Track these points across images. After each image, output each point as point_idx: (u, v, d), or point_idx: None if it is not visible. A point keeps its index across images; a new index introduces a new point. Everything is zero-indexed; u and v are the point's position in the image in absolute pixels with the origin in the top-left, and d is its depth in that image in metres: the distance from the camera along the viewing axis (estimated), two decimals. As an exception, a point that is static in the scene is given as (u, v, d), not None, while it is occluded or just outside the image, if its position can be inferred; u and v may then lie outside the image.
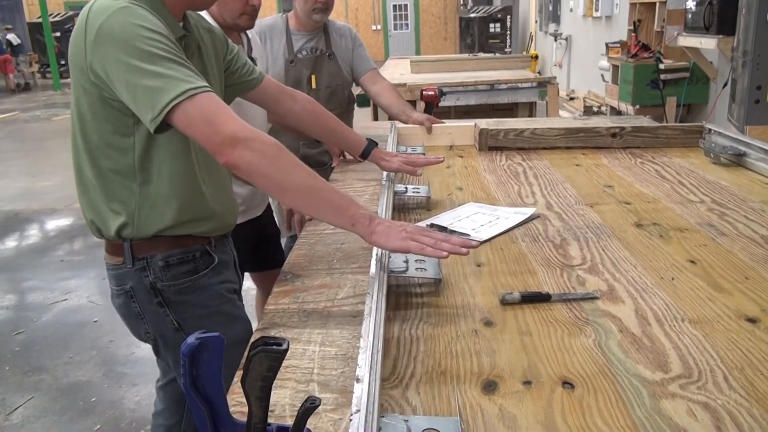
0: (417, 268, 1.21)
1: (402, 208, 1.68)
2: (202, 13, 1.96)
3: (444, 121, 2.54)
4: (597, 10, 8.27)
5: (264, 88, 1.66)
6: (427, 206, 1.69)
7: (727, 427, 0.78)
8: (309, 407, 0.59)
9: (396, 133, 2.34)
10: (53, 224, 5.40)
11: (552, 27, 11.04)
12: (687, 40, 4.81)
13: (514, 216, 1.56)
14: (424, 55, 15.08)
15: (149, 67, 1.16)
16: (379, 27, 21.17)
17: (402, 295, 1.18)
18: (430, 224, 1.49)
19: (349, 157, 2.24)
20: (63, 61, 16.29)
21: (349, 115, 2.75)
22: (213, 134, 1.16)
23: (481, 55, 7.49)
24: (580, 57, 9.58)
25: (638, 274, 1.23)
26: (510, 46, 13.54)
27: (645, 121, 2.59)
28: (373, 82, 2.71)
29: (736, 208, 1.58)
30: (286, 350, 0.57)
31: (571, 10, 9.90)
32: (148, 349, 1.52)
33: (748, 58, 3.56)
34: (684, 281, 1.19)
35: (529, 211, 1.58)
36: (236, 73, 1.59)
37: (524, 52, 12.26)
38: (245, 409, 0.62)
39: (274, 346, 0.56)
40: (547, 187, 1.83)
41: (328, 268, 1.32)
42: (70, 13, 17.62)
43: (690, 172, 1.93)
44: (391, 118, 2.66)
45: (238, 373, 0.91)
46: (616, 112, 5.98)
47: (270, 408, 0.67)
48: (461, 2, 19.75)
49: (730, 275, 1.21)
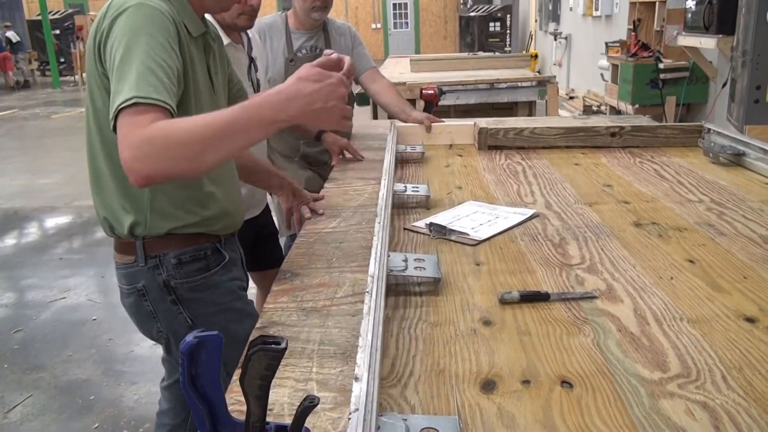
0: (416, 267, 1.21)
1: (401, 206, 1.68)
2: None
3: (443, 120, 2.54)
4: (597, 10, 8.27)
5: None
6: (427, 205, 1.69)
7: (726, 426, 0.78)
8: (308, 406, 0.59)
9: (395, 132, 2.34)
10: (52, 222, 5.40)
11: (552, 26, 11.04)
12: (687, 40, 4.81)
13: (513, 216, 1.56)
14: (424, 54, 15.08)
15: (124, 68, 1.11)
16: (379, 26, 21.15)
17: (401, 294, 1.18)
18: (430, 223, 1.49)
19: (348, 156, 2.24)
20: (62, 59, 16.29)
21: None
22: (122, 151, 1.06)
23: (481, 54, 7.49)
24: (580, 56, 9.58)
25: (637, 274, 1.23)
26: (510, 45, 13.53)
27: (644, 121, 2.59)
28: (373, 81, 2.71)
29: (734, 208, 1.59)
30: (285, 349, 0.57)
31: (571, 9, 9.89)
32: (147, 348, 1.52)
33: (747, 58, 3.56)
34: (683, 281, 1.19)
35: (528, 212, 1.59)
36: (234, 87, 1.61)
37: (524, 51, 12.26)
38: (244, 408, 0.62)
39: (273, 345, 0.56)
40: (547, 187, 1.83)
41: (327, 267, 1.32)
42: (70, 11, 17.59)
43: (689, 172, 1.93)
44: (391, 117, 2.67)
45: (237, 372, 0.91)
46: (616, 112, 5.98)
47: (269, 407, 0.67)
48: (461, 1, 19.74)
49: (728, 275, 1.21)
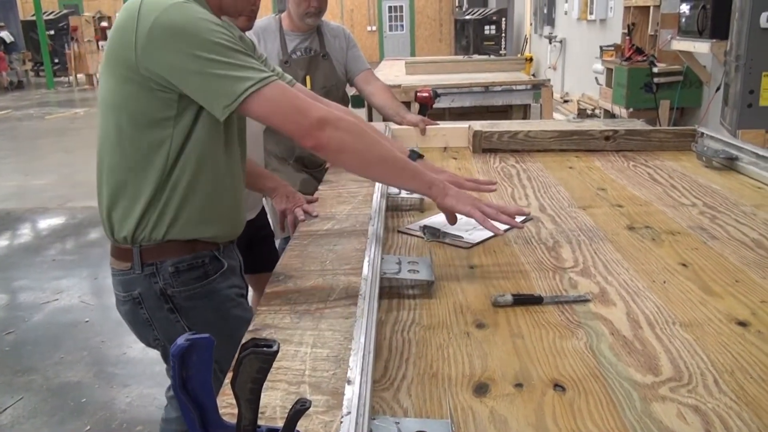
0: (410, 270, 1.21)
1: (395, 209, 1.68)
2: None
3: (438, 122, 2.54)
4: (591, 14, 8.30)
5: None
6: (420, 208, 1.69)
7: (717, 430, 0.78)
8: (299, 409, 0.59)
9: (390, 134, 2.34)
10: (45, 223, 5.38)
11: (547, 30, 11.06)
12: (680, 44, 4.83)
13: (507, 218, 1.56)
14: (419, 57, 15.11)
15: (222, 58, 1.20)
16: (375, 28, 21.17)
17: (394, 297, 1.17)
18: (423, 226, 1.49)
19: None
20: (56, 60, 16.23)
21: None
22: (301, 119, 1.23)
23: (476, 57, 7.51)
24: (575, 60, 9.60)
25: (630, 277, 1.23)
26: (505, 49, 13.55)
27: (638, 125, 2.60)
28: (367, 83, 2.71)
29: (727, 212, 1.59)
30: (277, 352, 0.56)
31: (566, 13, 9.92)
32: (139, 350, 1.52)
33: (740, 63, 3.57)
34: (675, 284, 1.19)
35: (521, 216, 1.58)
36: None
37: (519, 55, 12.29)
38: (235, 411, 0.62)
39: (265, 348, 0.56)
40: (541, 190, 1.83)
41: (321, 270, 1.31)
42: (65, 12, 17.53)
43: (682, 176, 1.94)
44: (385, 119, 2.66)
45: (229, 375, 0.91)
46: (610, 115, 5.99)
47: (261, 410, 0.67)
48: (456, 4, 19.77)
49: (721, 278, 1.21)
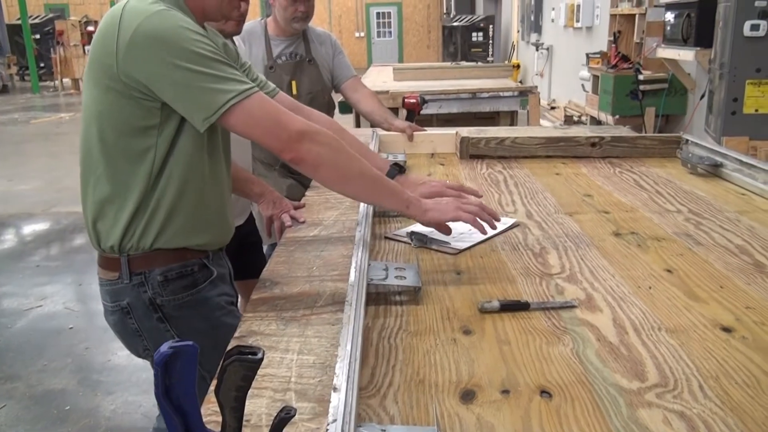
0: (397, 276, 1.21)
1: (382, 215, 1.68)
2: None
3: (425, 128, 2.55)
4: (578, 21, 8.36)
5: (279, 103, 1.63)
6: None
7: (702, 436, 0.78)
8: (284, 417, 0.58)
9: (377, 140, 2.34)
10: (30, 229, 5.32)
11: (534, 37, 11.13)
12: (666, 52, 4.88)
13: (494, 224, 1.56)
14: (407, 63, 15.16)
15: (203, 69, 1.19)
16: (363, 34, 21.23)
17: (381, 303, 1.17)
18: (411, 232, 1.49)
19: None
20: (42, 64, 16.11)
21: None
22: (281, 132, 1.23)
23: (464, 63, 7.53)
24: (561, 67, 9.67)
25: (616, 283, 1.23)
26: (492, 55, 13.63)
27: (624, 131, 2.62)
28: (354, 90, 2.72)
29: (712, 218, 1.60)
30: (261, 360, 0.56)
31: (553, 21, 9.99)
32: (124, 357, 1.50)
33: (724, 71, 3.61)
34: (661, 290, 1.20)
35: (509, 221, 1.59)
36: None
37: (506, 62, 12.35)
38: (220, 419, 0.62)
39: (249, 356, 0.56)
40: (527, 196, 1.83)
41: (308, 276, 1.31)
42: (50, 16, 17.42)
43: (667, 182, 1.95)
44: (373, 126, 2.67)
45: (214, 382, 0.90)
46: (596, 122, 6.03)
47: (246, 417, 0.66)
48: (444, 11, 19.87)
49: (705, 284, 1.22)
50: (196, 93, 1.20)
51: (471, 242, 1.45)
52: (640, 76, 5.38)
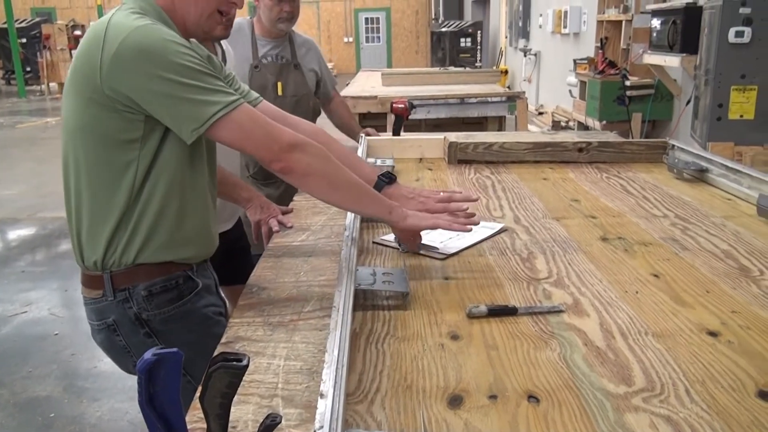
0: (384, 281, 1.20)
1: (370, 220, 1.67)
2: None
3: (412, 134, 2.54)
4: (565, 27, 8.42)
5: (263, 113, 1.60)
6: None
7: (689, 440, 0.78)
8: (269, 424, 0.58)
9: (366, 145, 2.34)
10: (15, 234, 5.27)
11: (521, 43, 11.20)
12: (652, 58, 4.93)
13: (482, 230, 1.56)
14: (396, 68, 15.18)
15: (190, 81, 1.19)
16: (351, 39, 21.26)
17: (369, 309, 1.17)
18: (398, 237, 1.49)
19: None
20: (28, 68, 15.99)
21: None
22: (272, 143, 1.24)
23: (452, 69, 7.57)
24: (549, 72, 9.73)
25: (603, 288, 1.24)
26: (480, 61, 13.71)
27: (611, 137, 2.64)
28: (332, 109, 2.87)
29: (698, 223, 1.61)
30: (246, 366, 0.55)
31: (540, 27, 10.06)
32: (110, 363, 1.48)
33: (710, 77, 3.65)
34: (648, 295, 1.21)
35: (497, 226, 1.59)
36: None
37: (494, 67, 12.41)
38: (205, 426, 0.61)
39: (234, 362, 0.55)
40: (515, 201, 1.84)
41: (295, 281, 1.31)
42: (37, 20, 17.30)
43: (654, 187, 1.96)
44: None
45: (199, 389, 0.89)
46: (584, 127, 6.08)
47: (232, 424, 0.66)
48: (433, 17, 19.95)
49: (692, 289, 1.23)
50: (183, 105, 1.19)
51: (459, 247, 1.45)
52: (627, 82, 5.43)
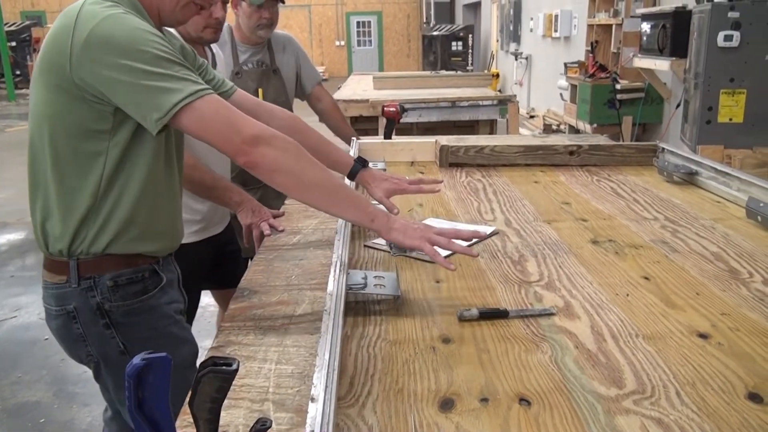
0: (376, 285, 1.20)
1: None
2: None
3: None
4: (556, 31, 8.46)
5: (237, 103, 1.60)
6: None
7: (679, 442, 0.79)
8: (260, 429, 0.57)
9: (357, 148, 2.34)
10: (4, 239, 5.23)
11: (513, 46, 11.24)
12: (642, 62, 4.95)
13: (474, 232, 1.56)
14: (387, 72, 15.20)
15: (156, 69, 1.17)
16: (343, 43, 21.26)
17: (360, 312, 1.17)
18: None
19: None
20: (18, 72, 15.89)
21: None
22: (233, 134, 1.19)
23: (443, 72, 7.56)
24: (540, 76, 9.76)
25: (594, 291, 1.24)
26: (472, 65, 13.73)
27: (602, 140, 2.65)
28: (319, 99, 2.82)
29: (688, 226, 1.62)
30: (236, 371, 0.55)
31: (531, 31, 10.10)
32: (100, 369, 1.47)
33: (699, 80, 3.67)
34: (638, 297, 1.21)
35: (488, 229, 1.60)
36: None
37: (485, 71, 12.43)
38: (195, 431, 0.61)
39: (224, 367, 0.55)
40: (506, 204, 1.84)
41: (287, 285, 1.30)
42: (27, 23, 17.21)
43: (644, 190, 1.97)
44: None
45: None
46: (575, 131, 6.10)
47: (223, 429, 0.65)
48: (424, 20, 19.98)
49: (682, 291, 1.23)
50: (147, 93, 1.17)
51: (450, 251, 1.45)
52: (617, 86, 5.46)
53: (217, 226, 2.10)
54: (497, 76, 10.94)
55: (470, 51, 13.89)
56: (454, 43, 13.85)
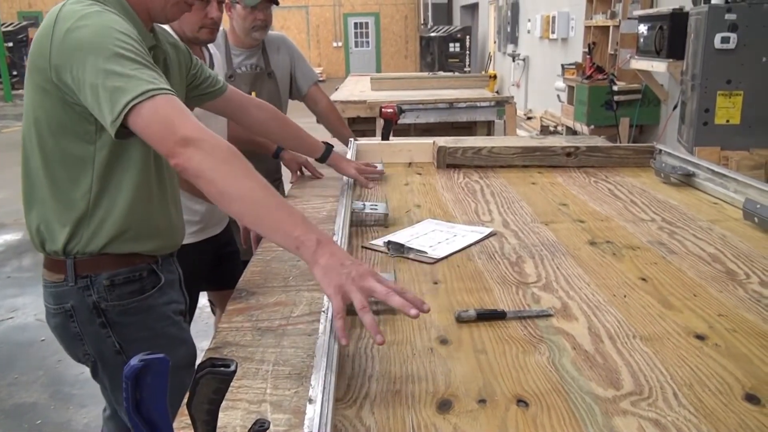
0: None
1: (360, 224, 1.67)
2: (165, 27, 1.93)
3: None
4: (553, 33, 8.47)
5: (229, 98, 1.68)
6: (385, 223, 1.68)
7: (677, 443, 0.79)
8: (258, 430, 0.57)
9: (355, 150, 2.34)
10: (1, 239, 5.22)
11: (510, 48, 11.24)
12: (639, 63, 4.96)
13: (471, 234, 1.57)
14: (385, 73, 15.20)
15: (113, 68, 1.13)
16: (341, 44, 21.26)
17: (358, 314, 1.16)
18: (388, 241, 1.49)
19: (307, 173, 2.23)
20: (15, 72, 15.85)
21: None
22: (168, 134, 1.10)
23: (441, 73, 7.57)
24: (537, 77, 9.77)
25: (591, 292, 1.24)
26: (469, 66, 13.74)
27: (599, 141, 2.65)
28: (315, 102, 2.83)
29: (685, 227, 1.63)
30: (234, 372, 0.55)
31: (529, 32, 10.11)
32: (97, 370, 1.47)
33: (696, 82, 3.68)
34: (635, 299, 1.21)
35: (485, 231, 1.60)
36: (201, 86, 1.60)
37: (483, 72, 12.45)
38: (192, 433, 0.61)
39: (222, 368, 0.55)
40: (504, 205, 1.84)
41: (284, 286, 1.30)
42: (24, 23, 17.18)
43: (641, 192, 1.98)
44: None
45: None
46: (572, 132, 6.10)
47: (221, 430, 0.65)
48: (422, 21, 19.99)
49: (679, 293, 1.23)
50: (104, 93, 1.12)
51: (448, 252, 1.45)
52: (615, 87, 5.46)
53: (215, 227, 2.10)
54: (495, 77, 10.95)
55: (468, 52, 13.90)
56: (452, 45, 13.86)
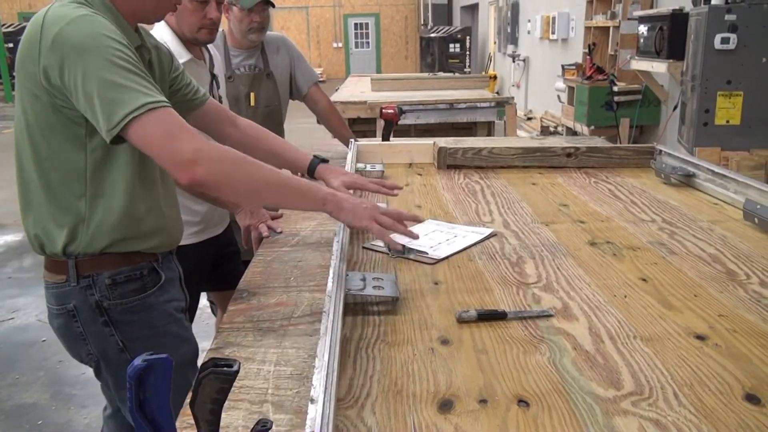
0: (374, 287, 1.21)
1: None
2: (161, 28, 1.94)
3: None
4: (553, 33, 8.47)
5: (206, 111, 1.63)
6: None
7: (677, 443, 0.79)
8: (260, 430, 0.57)
9: (356, 150, 2.34)
10: (1, 240, 5.22)
11: (510, 48, 11.25)
12: (639, 64, 4.96)
13: (472, 235, 1.57)
14: (385, 74, 15.21)
15: (109, 77, 1.14)
16: (341, 45, 21.27)
17: (359, 314, 1.17)
18: (388, 242, 1.49)
19: (265, 233, 2.23)
20: (14, 73, 15.87)
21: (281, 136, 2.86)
22: (174, 152, 1.15)
23: (441, 74, 7.57)
24: (538, 78, 9.78)
25: (592, 292, 1.25)
26: (469, 66, 13.75)
27: (599, 142, 2.65)
28: (315, 102, 2.84)
29: (685, 227, 1.63)
30: (237, 372, 0.55)
31: (529, 33, 10.11)
32: (97, 370, 1.47)
33: (696, 83, 3.68)
34: (636, 299, 1.21)
35: (486, 231, 1.60)
36: (180, 92, 1.56)
37: (483, 73, 12.46)
38: (195, 433, 0.61)
39: (225, 368, 0.55)
40: (504, 206, 1.85)
41: (285, 286, 1.30)
42: (24, 24, 17.20)
43: (642, 192, 1.98)
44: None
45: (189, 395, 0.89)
46: (572, 133, 6.11)
47: (223, 430, 0.65)
48: (422, 22, 20.00)
49: (679, 293, 1.24)
50: (101, 103, 1.15)
51: (448, 252, 1.46)
52: (615, 88, 5.46)
53: (216, 228, 2.11)
54: (495, 78, 10.96)
55: (468, 53, 13.91)
56: (452, 45, 13.87)
